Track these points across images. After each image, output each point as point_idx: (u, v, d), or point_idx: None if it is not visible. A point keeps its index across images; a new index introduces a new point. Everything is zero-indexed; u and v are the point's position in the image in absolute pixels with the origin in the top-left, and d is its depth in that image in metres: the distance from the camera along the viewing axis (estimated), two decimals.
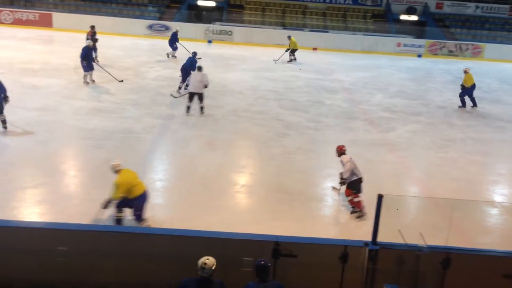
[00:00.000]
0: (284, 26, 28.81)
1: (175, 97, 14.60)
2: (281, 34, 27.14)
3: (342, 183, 8.44)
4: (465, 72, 15.93)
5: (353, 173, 8.29)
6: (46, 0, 28.14)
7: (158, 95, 14.99)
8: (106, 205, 7.26)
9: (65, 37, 22.77)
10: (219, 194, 8.97)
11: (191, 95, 13.11)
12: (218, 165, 10.21)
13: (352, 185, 8.32)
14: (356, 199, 8.33)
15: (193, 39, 25.74)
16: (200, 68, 13.40)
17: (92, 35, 18.36)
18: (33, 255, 5.56)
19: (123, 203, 7.30)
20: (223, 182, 9.49)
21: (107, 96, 14.32)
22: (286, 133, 12.51)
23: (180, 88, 15.18)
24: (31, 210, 7.93)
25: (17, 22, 25.52)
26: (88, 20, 25.99)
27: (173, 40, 20.46)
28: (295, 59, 22.26)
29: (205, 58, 20.53)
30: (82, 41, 21.77)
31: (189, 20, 27.88)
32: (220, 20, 27.78)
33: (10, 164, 9.44)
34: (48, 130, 11.25)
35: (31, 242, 5.63)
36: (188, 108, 13.23)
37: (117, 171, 7.31)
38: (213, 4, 29.26)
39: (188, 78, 14.16)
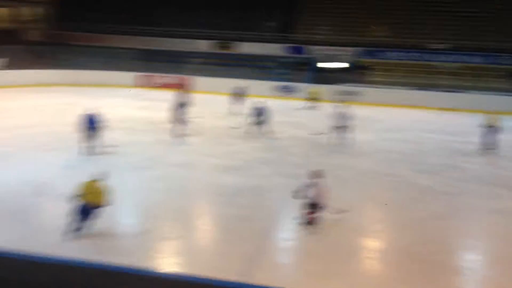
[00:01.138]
0: (414, 86, 28.08)
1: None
2: (410, 94, 26.50)
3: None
4: None
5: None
6: (189, 67, 30.88)
7: (287, 154, 15.29)
8: None
9: (204, 99, 24.49)
10: (348, 258, 8.72)
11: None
12: (347, 228, 9.96)
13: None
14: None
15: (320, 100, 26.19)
16: None
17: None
18: None
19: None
20: (352, 246, 9.21)
21: (239, 155, 14.94)
22: (419, 197, 11.90)
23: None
24: (169, 261, 8.37)
25: (165, 86, 28.22)
26: (225, 83, 27.98)
27: None
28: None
29: (330, 118, 20.67)
30: (219, 102, 23.34)
31: (316, 81, 28.48)
32: (348, 81, 27.97)
33: (153, 215, 10.18)
34: (185, 185, 11.98)
35: None
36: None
37: None
38: (340, 65, 29.67)
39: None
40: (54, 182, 12.06)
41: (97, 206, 8.88)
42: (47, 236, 9.10)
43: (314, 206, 9.72)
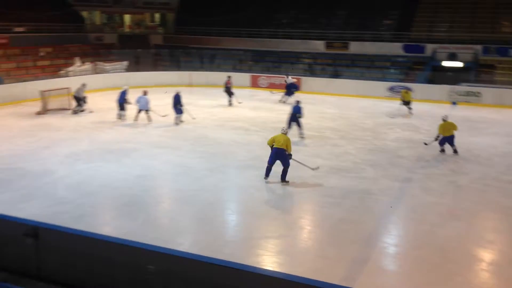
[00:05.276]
0: None
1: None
2: None
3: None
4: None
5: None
6: (297, 67, 31.03)
7: (397, 157, 14.72)
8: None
9: (310, 99, 24.45)
10: (461, 269, 8.19)
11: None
12: (460, 236, 9.36)
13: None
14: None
15: (436, 101, 24.90)
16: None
17: (229, 85, 23.06)
18: None
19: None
20: (466, 256, 8.64)
21: (346, 156, 14.71)
22: None
23: (302, 134, 16.68)
24: (272, 260, 8.49)
25: (271, 86, 28.71)
26: (331, 83, 27.77)
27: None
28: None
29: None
30: (326, 103, 23.21)
31: (431, 81, 27.07)
32: (467, 81, 26.17)
33: (257, 213, 10.40)
34: (292, 184, 12.03)
35: None
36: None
37: None
38: (460, 64, 27.87)
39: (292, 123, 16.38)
40: (169, 178, 12.87)
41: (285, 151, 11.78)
42: (159, 229, 9.72)
43: None
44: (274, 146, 11.90)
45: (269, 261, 8.42)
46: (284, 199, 11.21)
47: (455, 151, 14.95)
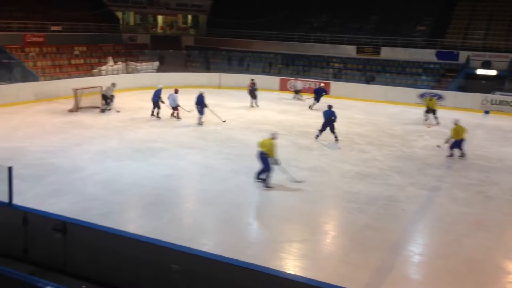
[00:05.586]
0: None
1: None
2: None
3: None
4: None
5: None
6: (326, 71, 30.89)
7: (425, 165, 14.49)
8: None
9: (339, 104, 24.29)
10: (488, 281, 8.03)
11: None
12: (488, 248, 9.16)
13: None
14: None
15: (468, 109, 24.43)
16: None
17: (252, 87, 23.42)
18: None
19: None
20: (493, 268, 8.46)
21: (373, 162, 14.56)
22: None
23: (317, 136, 17.14)
24: (294, 264, 8.48)
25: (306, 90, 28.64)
26: (361, 88, 27.56)
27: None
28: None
29: (479, 129, 19.19)
30: (354, 108, 23.05)
31: (464, 89, 26.52)
32: (501, 90, 25.57)
33: (281, 216, 10.41)
34: (317, 190, 12.00)
35: None
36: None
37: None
38: (494, 73, 27.23)
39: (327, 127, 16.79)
40: (194, 178, 12.99)
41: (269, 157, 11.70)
42: (183, 229, 9.82)
43: None
44: (258, 149, 11.97)
45: (291, 264, 8.41)
46: (308, 203, 11.17)
47: (463, 155, 15.01)
